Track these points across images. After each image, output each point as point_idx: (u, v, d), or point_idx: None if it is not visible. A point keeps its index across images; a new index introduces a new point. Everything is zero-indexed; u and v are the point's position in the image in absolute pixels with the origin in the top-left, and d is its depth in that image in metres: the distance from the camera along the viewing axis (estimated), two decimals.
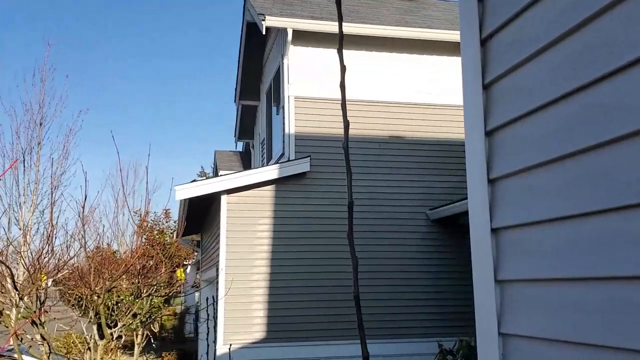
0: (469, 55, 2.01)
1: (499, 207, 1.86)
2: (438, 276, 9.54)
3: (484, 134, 1.89)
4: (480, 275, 1.93)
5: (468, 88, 2.00)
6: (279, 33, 10.46)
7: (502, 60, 1.86)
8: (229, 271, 8.99)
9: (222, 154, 17.95)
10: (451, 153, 9.95)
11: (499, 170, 1.86)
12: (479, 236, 1.93)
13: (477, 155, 1.92)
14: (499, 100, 1.87)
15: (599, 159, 1.46)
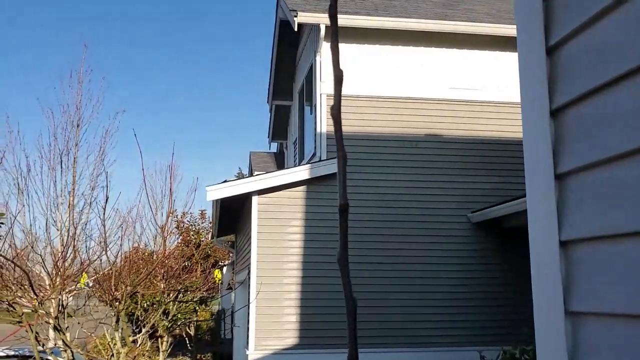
0: (525, 5, 1.62)
1: (570, 212, 1.44)
2: (477, 282, 9.06)
3: (548, 113, 1.49)
4: (543, 304, 1.49)
5: (525, 53, 1.60)
6: (312, 30, 10.17)
7: (575, 11, 1.45)
8: (260, 274, 8.74)
9: (257, 155, 17.80)
10: (492, 152, 9.46)
11: (570, 162, 1.45)
12: (541, 250, 1.51)
13: (539, 143, 1.51)
14: (570, 66, 1.47)
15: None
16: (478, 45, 9.72)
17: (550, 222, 1.49)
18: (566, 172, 1.48)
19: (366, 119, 9.29)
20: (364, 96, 9.34)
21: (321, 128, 9.24)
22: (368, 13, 9.56)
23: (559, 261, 1.44)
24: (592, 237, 1.40)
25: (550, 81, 1.53)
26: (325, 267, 8.80)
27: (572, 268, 1.42)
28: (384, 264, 8.84)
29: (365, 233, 8.85)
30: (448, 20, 9.62)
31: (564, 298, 1.42)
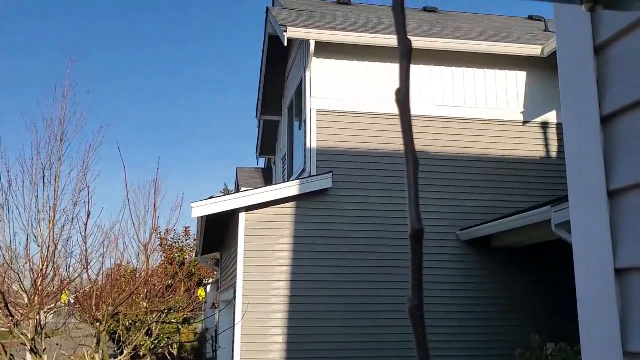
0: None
1: (628, 236, 1.29)
2: (466, 302, 8.91)
3: (598, 121, 1.34)
4: (595, 343, 1.33)
5: (568, 53, 1.45)
6: (301, 45, 10.08)
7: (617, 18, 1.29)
8: (246, 293, 8.50)
9: (244, 170, 17.58)
10: (482, 170, 9.38)
11: (626, 177, 1.30)
12: (591, 280, 1.35)
13: (587, 155, 1.36)
14: (624, 67, 1.32)
15: None
16: (466, 62, 9.70)
17: (601, 245, 1.33)
18: (621, 189, 1.32)
19: (354, 135, 9.18)
20: (351, 112, 9.24)
21: (311, 143, 9.10)
22: (357, 30, 9.50)
23: (615, 293, 1.27)
24: None
25: (601, 89, 1.38)
26: (315, 287, 8.59)
27: (630, 302, 1.25)
28: (367, 282, 8.65)
29: (348, 250, 8.68)
30: (435, 37, 9.60)
31: (622, 337, 1.25)
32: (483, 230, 8.64)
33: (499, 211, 9.04)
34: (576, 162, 1.46)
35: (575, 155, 1.46)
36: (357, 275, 8.63)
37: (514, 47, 9.58)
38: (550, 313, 8.91)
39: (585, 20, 1.44)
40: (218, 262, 14.98)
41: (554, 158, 9.70)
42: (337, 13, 11.03)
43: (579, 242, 1.43)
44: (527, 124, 9.74)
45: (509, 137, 9.61)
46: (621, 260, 1.29)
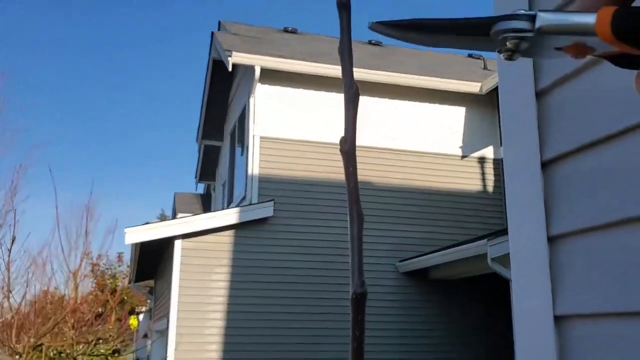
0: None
1: (568, 282, 1.26)
2: (405, 334, 8.90)
3: (539, 166, 1.31)
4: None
5: (510, 97, 1.43)
6: (246, 71, 10.00)
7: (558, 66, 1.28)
8: (180, 324, 8.17)
9: (183, 196, 17.15)
10: (422, 202, 9.50)
11: (566, 223, 1.27)
12: (530, 326, 1.31)
13: (528, 200, 1.33)
14: (564, 113, 1.31)
15: None
16: (409, 96, 9.89)
17: (541, 292, 1.29)
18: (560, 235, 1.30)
19: (297, 163, 9.12)
20: (295, 140, 9.20)
21: (253, 170, 8.96)
22: (303, 58, 9.53)
23: (554, 339, 1.23)
24: (594, 314, 1.21)
25: (542, 133, 1.36)
26: (252, 319, 8.36)
27: (569, 347, 1.21)
28: (307, 313, 8.51)
29: (288, 282, 8.53)
30: (380, 70, 9.75)
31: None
32: (421, 262, 8.69)
33: (437, 243, 9.14)
34: (517, 206, 1.43)
35: (516, 199, 1.43)
36: (296, 307, 8.47)
37: (454, 83, 9.85)
38: (487, 344, 9.01)
39: (527, 66, 1.43)
40: (152, 290, 14.44)
41: (490, 192, 9.95)
42: (283, 41, 11.06)
43: (518, 288, 1.39)
44: (465, 158, 9.97)
45: (448, 171, 9.80)
46: (560, 308, 1.26)
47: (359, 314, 0.47)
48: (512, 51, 0.45)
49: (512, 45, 0.44)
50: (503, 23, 0.44)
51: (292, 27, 12.39)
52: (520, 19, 0.43)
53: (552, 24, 0.42)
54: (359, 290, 0.46)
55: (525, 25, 0.43)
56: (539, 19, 0.43)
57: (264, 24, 12.07)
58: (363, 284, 0.46)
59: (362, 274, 0.47)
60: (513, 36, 0.43)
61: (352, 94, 0.50)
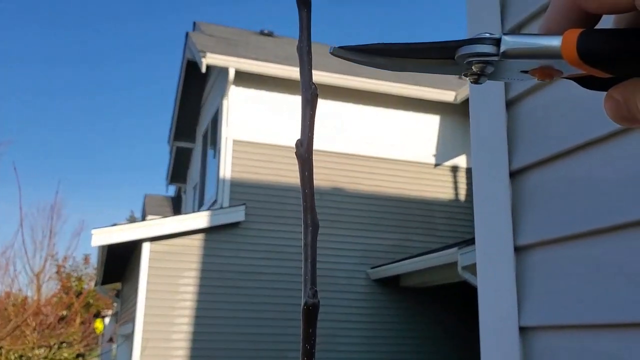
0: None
1: (533, 293, 1.24)
2: (375, 341, 8.88)
3: (507, 175, 1.29)
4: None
5: (481, 106, 1.41)
6: (220, 73, 9.90)
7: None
8: (146, 328, 8.01)
9: (153, 198, 16.92)
10: (394, 209, 9.51)
11: (533, 233, 1.25)
12: (495, 337, 1.29)
13: (495, 210, 1.31)
14: (533, 123, 1.29)
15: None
16: (383, 103, 9.92)
17: (506, 302, 1.27)
18: (527, 246, 1.28)
19: (270, 167, 9.05)
20: (268, 144, 9.14)
21: (225, 174, 8.86)
22: (278, 62, 9.48)
23: (519, 349, 1.20)
24: (557, 326, 1.19)
25: (511, 140, 1.34)
26: (219, 323, 8.25)
27: (535, 356, 1.19)
28: (278, 319, 8.43)
29: (258, 287, 8.45)
30: (354, 76, 9.75)
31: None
32: (392, 269, 8.70)
33: (409, 250, 9.17)
34: (484, 215, 1.41)
35: (484, 209, 1.42)
36: (265, 313, 8.38)
37: (429, 91, 9.91)
38: (457, 353, 9.05)
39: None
40: (119, 293, 14.18)
41: (462, 201, 10.03)
42: (258, 43, 11.00)
43: (484, 298, 1.37)
44: (438, 167, 10.04)
45: (420, 179, 9.85)
46: (525, 319, 1.25)
47: (310, 326, 0.43)
48: (478, 75, 0.44)
49: (477, 69, 0.43)
50: (467, 47, 0.43)
51: (268, 30, 12.35)
52: (485, 43, 0.42)
53: (517, 47, 0.42)
54: (311, 301, 0.42)
55: (490, 50, 0.42)
56: (503, 42, 0.42)
57: (240, 26, 11.99)
58: (315, 294, 0.43)
59: (314, 284, 0.43)
60: (478, 60, 0.43)
61: (310, 96, 0.47)
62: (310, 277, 0.43)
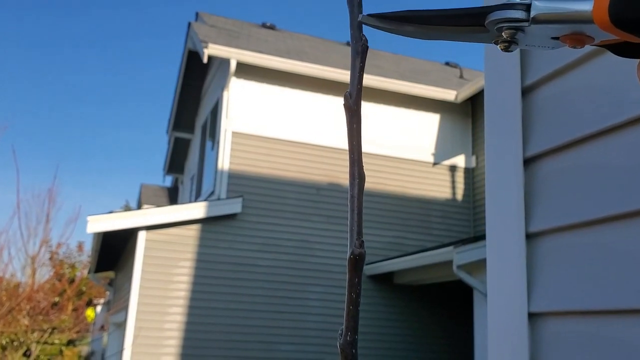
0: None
1: (542, 281, 1.24)
2: (368, 337, 8.90)
3: (521, 163, 1.30)
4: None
5: (496, 92, 1.41)
6: (221, 65, 9.88)
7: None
8: (139, 317, 8.00)
9: (149, 187, 16.87)
10: (391, 207, 9.52)
11: (545, 220, 1.26)
12: (503, 323, 1.29)
13: (508, 196, 1.31)
14: (549, 110, 1.29)
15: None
16: (384, 100, 9.91)
17: (516, 289, 1.27)
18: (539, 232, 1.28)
19: (268, 161, 9.04)
20: (268, 137, 9.12)
21: (223, 165, 8.85)
22: (280, 55, 9.46)
23: (527, 335, 1.21)
24: (568, 312, 1.20)
25: (525, 129, 1.34)
26: (213, 314, 8.25)
27: (543, 345, 1.20)
28: (271, 312, 8.43)
29: (253, 279, 8.45)
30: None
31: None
32: (387, 266, 8.71)
33: (404, 248, 9.19)
34: (496, 201, 1.41)
35: (497, 195, 1.42)
36: (258, 305, 8.38)
37: (430, 90, 9.92)
38: (449, 351, 9.08)
39: (514, 61, 1.41)
40: (112, 282, 14.15)
41: (460, 201, 10.05)
42: (260, 36, 10.97)
43: (493, 283, 1.37)
44: (437, 165, 10.05)
45: (419, 177, 9.86)
46: (535, 304, 1.25)
47: (356, 275, 0.44)
48: (509, 42, 0.43)
49: (508, 35, 0.43)
50: (497, 13, 0.42)
51: (271, 23, 12.32)
52: (515, 8, 0.42)
53: (547, 12, 0.41)
54: (357, 250, 0.44)
55: (521, 15, 0.42)
56: (534, 7, 0.41)
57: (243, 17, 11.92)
58: (362, 245, 0.44)
59: (361, 234, 0.44)
60: (508, 26, 0.42)
61: (360, 47, 0.47)
62: (356, 227, 0.43)
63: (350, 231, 0.44)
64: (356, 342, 0.42)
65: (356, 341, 0.42)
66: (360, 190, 0.46)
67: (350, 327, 0.43)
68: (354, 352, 0.42)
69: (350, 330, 0.42)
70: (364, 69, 0.47)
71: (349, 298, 0.43)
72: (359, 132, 0.46)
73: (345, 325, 0.43)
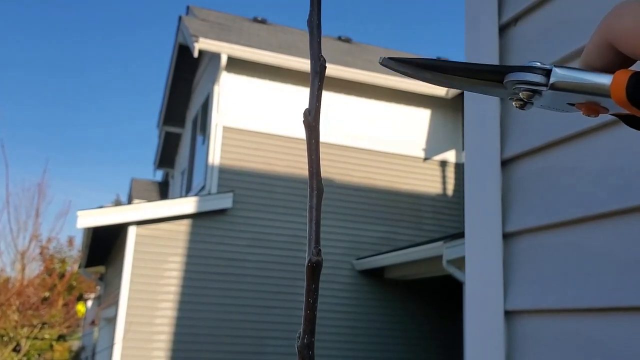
0: None
1: (518, 280, 1.26)
2: (359, 332, 8.94)
3: (499, 163, 1.31)
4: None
5: (474, 99, 1.43)
6: (212, 59, 9.85)
7: None
8: (130, 311, 8.00)
9: (140, 182, 16.82)
10: (382, 201, 9.55)
11: (521, 220, 1.28)
12: (480, 320, 1.31)
13: (485, 196, 1.33)
14: (526, 113, 1.31)
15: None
16: (375, 95, 9.93)
17: (492, 287, 1.29)
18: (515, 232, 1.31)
19: (259, 155, 9.04)
20: (258, 132, 9.12)
21: (214, 160, 8.84)
22: (271, 49, 9.45)
23: (503, 333, 1.23)
24: (543, 310, 1.22)
25: (503, 130, 1.36)
26: (203, 309, 8.26)
27: (517, 344, 1.22)
28: (259, 307, 8.45)
29: (243, 274, 8.46)
30: (348, 67, 9.75)
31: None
32: (378, 261, 8.75)
33: (395, 243, 9.22)
34: (475, 202, 1.43)
35: (475, 195, 1.44)
36: (248, 300, 8.40)
37: (420, 85, 9.93)
38: (440, 345, 9.14)
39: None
40: (102, 277, 14.12)
41: (450, 196, 10.09)
42: (252, 31, 10.94)
43: (471, 282, 1.39)
44: (427, 161, 10.09)
45: (409, 172, 9.89)
46: (511, 302, 1.28)
47: (313, 282, 0.45)
48: (524, 102, 0.45)
49: (524, 96, 0.44)
50: (518, 74, 0.44)
51: (262, 17, 12.28)
52: (535, 72, 0.43)
53: (567, 81, 0.43)
54: (315, 258, 0.45)
55: (540, 80, 0.43)
56: (554, 74, 0.43)
57: (234, 11, 11.89)
58: (319, 253, 0.46)
59: (318, 243, 0.45)
60: (526, 88, 0.44)
61: (318, 67, 0.49)
62: (314, 236, 0.45)
63: (308, 240, 0.46)
64: (313, 344, 0.44)
65: (313, 343, 0.44)
66: (318, 201, 0.48)
67: (307, 331, 0.45)
68: (310, 354, 0.44)
69: (308, 333, 0.44)
70: (322, 87, 0.48)
71: (307, 303, 0.45)
72: (317, 147, 0.48)
73: (302, 329, 0.45)
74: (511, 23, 1.35)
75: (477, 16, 1.40)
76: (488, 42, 1.36)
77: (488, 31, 1.35)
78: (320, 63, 0.47)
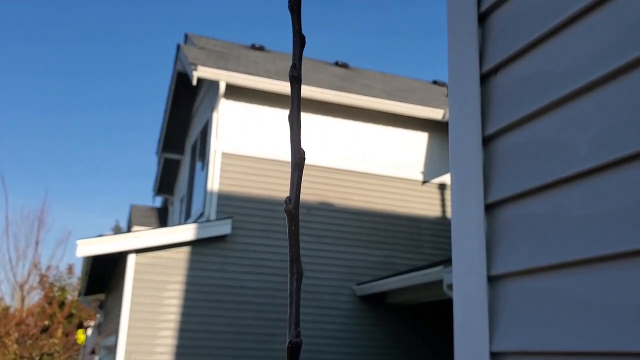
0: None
1: (503, 321, 1.29)
2: (358, 358, 8.87)
3: (482, 208, 1.34)
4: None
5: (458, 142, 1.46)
6: (211, 86, 9.95)
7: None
8: (130, 340, 7.95)
9: (139, 208, 16.83)
10: (382, 225, 9.55)
11: (506, 265, 1.30)
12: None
13: (469, 241, 1.35)
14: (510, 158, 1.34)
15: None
16: (373, 119, 10.00)
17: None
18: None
19: (258, 181, 9.07)
20: (257, 157, 9.16)
21: (212, 186, 8.87)
22: (269, 76, 9.54)
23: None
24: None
25: (486, 178, 1.39)
26: (204, 337, 8.20)
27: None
28: (261, 334, 8.40)
29: (243, 301, 8.43)
30: (345, 92, 9.84)
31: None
32: (378, 286, 8.71)
33: (395, 267, 9.20)
34: (461, 245, 1.49)
35: (461, 239, 1.50)
36: (249, 327, 8.36)
37: (417, 109, 10.01)
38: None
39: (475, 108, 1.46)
40: (102, 304, 14.04)
41: (449, 219, 10.09)
42: (249, 57, 11.06)
43: (458, 323, 1.42)
44: (426, 184, 10.11)
45: (408, 195, 9.92)
46: (496, 345, 1.32)
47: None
48: None
49: None
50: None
51: (260, 44, 12.43)
52: None
53: None
54: (295, 340, 0.48)
55: None
56: None
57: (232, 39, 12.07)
58: (299, 335, 0.48)
59: (298, 325, 0.48)
60: None
61: (298, 160, 0.52)
62: (295, 319, 0.47)
63: (289, 323, 0.48)
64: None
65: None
66: (298, 285, 0.50)
67: None
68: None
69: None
70: (301, 178, 0.52)
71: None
72: (297, 233, 0.51)
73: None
74: (492, 72, 1.39)
75: (459, 64, 1.44)
76: (470, 90, 1.40)
77: (470, 79, 1.39)
78: (300, 155, 0.50)
